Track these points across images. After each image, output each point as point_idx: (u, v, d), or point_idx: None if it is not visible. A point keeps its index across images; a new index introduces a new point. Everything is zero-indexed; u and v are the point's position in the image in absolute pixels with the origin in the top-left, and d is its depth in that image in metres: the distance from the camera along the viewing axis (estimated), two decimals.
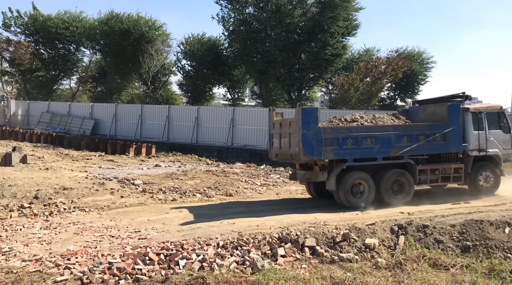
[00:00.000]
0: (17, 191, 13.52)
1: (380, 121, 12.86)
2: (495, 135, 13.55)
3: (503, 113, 14.00)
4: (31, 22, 45.73)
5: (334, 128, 12.01)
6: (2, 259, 8.09)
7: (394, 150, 12.11)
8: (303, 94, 39.96)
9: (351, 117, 12.93)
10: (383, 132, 12.11)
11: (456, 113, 12.72)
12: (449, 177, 12.99)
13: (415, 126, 12.80)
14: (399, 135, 12.19)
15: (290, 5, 35.05)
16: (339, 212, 11.47)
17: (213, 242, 8.57)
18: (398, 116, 13.53)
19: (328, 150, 11.57)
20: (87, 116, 35.82)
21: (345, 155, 11.77)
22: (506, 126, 13.81)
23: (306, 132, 11.39)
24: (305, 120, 11.45)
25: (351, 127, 12.13)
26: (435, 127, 12.63)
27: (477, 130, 13.21)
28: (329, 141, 11.58)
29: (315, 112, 11.65)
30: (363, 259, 8.64)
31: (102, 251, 8.25)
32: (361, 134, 11.92)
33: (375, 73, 33.04)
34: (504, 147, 13.67)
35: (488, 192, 13.35)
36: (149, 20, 43.95)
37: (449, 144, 12.71)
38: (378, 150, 12.01)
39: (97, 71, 49.85)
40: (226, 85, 48.40)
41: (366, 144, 11.91)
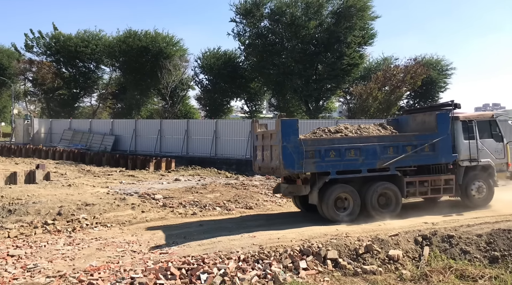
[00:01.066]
0: (41, 208, 13.75)
1: (365, 132, 12.37)
2: (487, 144, 12.96)
3: (495, 121, 13.37)
4: (52, 42, 47.08)
5: (316, 140, 11.57)
6: (27, 275, 8.21)
7: (379, 161, 11.58)
8: (321, 105, 39.88)
9: (335, 128, 12.51)
10: (367, 143, 11.60)
11: (445, 123, 12.17)
12: (440, 189, 12.39)
13: (402, 137, 12.23)
14: (384, 146, 11.68)
15: (305, 17, 35.23)
16: (361, 223, 11.29)
17: (234, 256, 8.52)
18: (385, 127, 13.05)
19: (310, 162, 11.13)
20: (107, 132, 36.39)
21: (328, 167, 11.31)
22: (499, 135, 13.23)
23: (286, 145, 10.96)
24: (284, 132, 11.02)
25: (334, 138, 11.67)
26: (423, 137, 12.09)
27: (467, 140, 12.67)
28: (310, 154, 11.14)
29: (295, 124, 11.19)
30: (387, 271, 8.47)
31: (124, 266, 8.29)
32: (344, 146, 11.43)
33: (393, 81, 32.77)
34: (496, 156, 13.06)
35: (481, 203, 12.72)
36: (166, 36, 44.78)
37: (438, 154, 12.10)
38: (363, 162, 11.49)
39: (116, 88, 50.81)
40: (244, 98, 48.71)
41: (350, 155, 11.44)
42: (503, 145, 13.21)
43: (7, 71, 50.54)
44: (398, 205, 11.92)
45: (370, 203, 11.65)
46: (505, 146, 13.24)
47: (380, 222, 11.37)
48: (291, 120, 11.52)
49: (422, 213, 12.21)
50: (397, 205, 11.91)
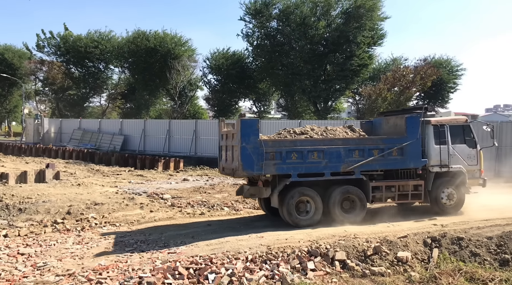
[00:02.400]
0: (51, 207, 13.87)
1: (331, 134, 12.10)
2: (459, 150, 12.53)
3: (468, 126, 12.89)
4: (62, 42, 47.49)
5: (277, 141, 11.26)
6: (37, 273, 8.28)
7: (344, 165, 11.24)
8: (330, 106, 39.77)
9: (301, 129, 12.19)
10: (331, 146, 11.24)
11: (414, 126, 11.74)
12: (408, 195, 12.06)
13: (368, 140, 11.93)
14: (349, 150, 11.34)
15: (314, 17, 35.14)
16: (369, 225, 11.24)
17: (242, 256, 8.53)
18: (354, 129, 12.71)
19: (270, 164, 10.80)
20: (116, 132, 36.61)
21: (289, 169, 10.98)
22: (472, 141, 12.77)
23: (245, 146, 10.64)
24: (244, 133, 10.68)
25: (296, 140, 11.36)
26: (391, 141, 11.77)
27: (438, 145, 12.27)
28: (271, 155, 10.82)
29: (256, 124, 10.83)
30: (396, 273, 8.42)
31: (132, 266, 8.33)
32: (307, 148, 11.08)
33: (403, 82, 32.56)
34: (469, 162, 12.61)
35: (451, 210, 12.36)
36: (174, 36, 44.93)
37: (407, 159, 11.72)
38: (326, 165, 11.16)
39: (126, 88, 51.13)
40: (252, 99, 48.74)
41: (313, 158, 11.10)
42: (476, 151, 12.75)
43: (18, 71, 51.09)
44: (362, 210, 11.54)
45: (333, 207, 11.30)
46: (479, 152, 12.79)
47: (389, 223, 11.32)
48: (251, 120, 11.23)
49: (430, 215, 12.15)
50: (362, 210, 11.53)
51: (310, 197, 11.29)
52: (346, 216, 11.40)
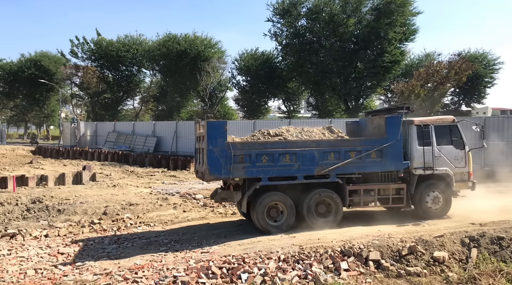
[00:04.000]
0: (88, 208, 14.28)
1: (307, 135, 11.64)
2: (446, 151, 11.81)
3: (455, 126, 12.11)
4: (95, 48, 48.84)
5: (246, 143, 10.83)
6: (76, 272, 8.56)
7: (318, 167, 10.74)
8: (361, 103, 39.22)
9: (276, 130, 11.78)
10: (304, 148, 10.73)
11: (395, 127, 11.09)
12: (388, 199, 11.47)
13: (344, 142, 11.35)
14: (324, 152, 10.79)
15: (344, 14, 34.73)
16: (405, 224, 11.01)
17: (274, 256, 8.53)
18: (332, 130, 12.24)
19: (239, 167, 10.37)
20: (149, 134, 37.31)
21: (259, 173, 10.51)
22: (460, 141, 12.01)
23: (212, 148, 10.26)
24: (211, 135, 10.31)
25: (266, 142, 10.90)
26: (369, 142, 11.21)
27: (422, 146, 11.61)
28: (239, 158, 10.38)
29: (223, 126, 10.44)
30: (432, 273, 8.22)
31: (167, 265, 8.48)
32: (278, 150, 10.59)
33: (436, 78, 31.69)
34: (456, 164, 11.86)
35: (437, 215, 11.67)
36: (204, 39, 45.39)
37: (387, 161, 11.12)
38: (299, 168, 10.66)
39: (157, 91, 52.05)
40: (281, 98, 48.66)
41: (285, 160, 10.61)
42: (464, 152, 11.99)
43: (55, 76, 52.87)
44: (338, 215, 11.03)
45: (307, 212, 10.83)
46: (467, 153, 12.05)
47: (424, 223, 11.04)
48: (218, 122, 10.79)
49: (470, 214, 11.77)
50: (337, 215, 11.03)
51: (282, 202, 10.82)
52: (320, 221, 10.89)
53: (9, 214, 14.06)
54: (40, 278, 8.34)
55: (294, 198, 10.94)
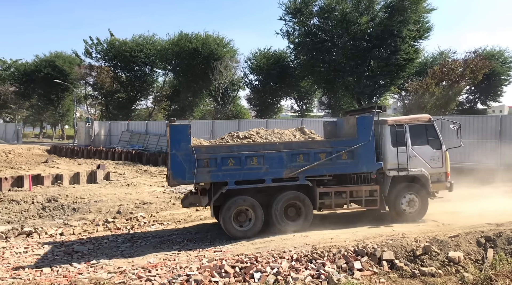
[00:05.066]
0: (102, 206, 14.44)
1: (277, 137, 11.37)
2: (421, 151, 11.44)
3: (432, 125, 11.72)
4: (109, 48, 49.31)
5: (211, 147, 10.73)
6: (91, 270, 8.66)
7: (287, 170, 10.53)
8: (374, 102, 38.89)
9: (245, 133, 11.57)
10: (272, 150, 10.50)
11: (367, 127, 10.84)
12: (361, 201, 11.20)
13: (313, 143, 11.06)
14: (292, 154, 10.58)
15: (357, 12, 34.47)
16: (418, 224, 10.90)
17: (287, 255, 8.51)
18: (304, 131, 11.95)
19: (204, 171, 10.20)
20: (163, 133, 37.49)
21: (225, 177, 10.34)
22: (437, 141, 11.63)
23: (175, 153, 10.09)
24: (174, 139, 10.15)
25: (232, 145, 10.77)
26: (339, 143, 10.97)
27: (396, 146, 11.27)
28: (205, 162, 10.20)
29: (186, 130, 10.22)
30: (447, 274, 8.12)
31: (180, 264, 8.53)
32: (245, 154, 10.38)
33: (451, 76, 31.27)
34: (433, 165, 11.49)
35: (413, 218, 11.33)
36: (216, 38, 45.48)
37: (358, 163, 10.86)
38: (267, 171, 10.46)
39: (170, 90, 52.35)
40: (294, 97, 48.54)
41: (252, 164, 10.40)
42: (441, 152, 11.60)
43: (69, 76, 53.50)
44: (308, 218, 10.85)
45: (276, 215, 10.64)
46: (444, 153, 11.64)
47: (439, 223, 10.92)
48: (181, 125, 10.54)
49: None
50: (307, 218, 10.84)
51: (250, 206, 10.59)
52: (290, 224, 10.70)
53: (25, 213, 14.29)
54: (56, 275, 8.46)
55: (263, 201, 10.74)
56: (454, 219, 11.11)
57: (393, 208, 11.42)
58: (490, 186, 15.83)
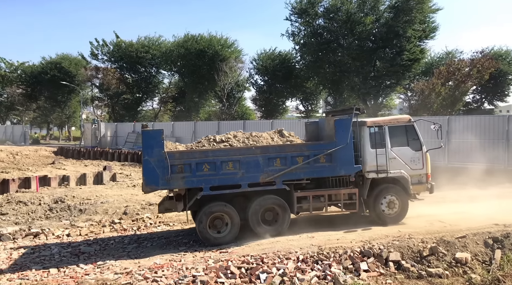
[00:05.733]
0: (108, 208, 14.50)
1: (254, 140, 11.10)
2: (401, 153, 11.26)
3: (412, 126, 11.49)
4: (115, 49, 49.54)
5: (185, 152, 10.45)
6: (97, 271, 8.69)
7: (263, 174, 10.34)
8: (380, 102, 38.80)
9: (222, 137, 11.32)
10: (248, 155, 10.31)
11: (344, 130, 10.64)
12: (340, 204, 11.06)
13: (290, 147, 10.81)
14: (269, 158, 10.40)
15: (362, 13, 34.41)
16: (425, 225, 10.84)
17: (293, 256, 8.50)
18: (283, 134, 11.69)
19: (178, 177, 10.01)
20: (168, 134, 37.59)
21: (200, 182, 10.15)
22: (417, 142, 11.42)
23: (148, 159, 9.92)
24: (146, 145, 9.98)
25: (207, 150, 10.45)
26: (317, 146, 10.80)
27: (375, 148, 11.09)
28: (179, 168, 10.02)
29: (159, 135, 10.05)
30: (454, 275, 8.08)
31: (186, 265, 8.54)
32: (220, 158, 10.20)
33: (458, 76, 31.11)
34: (413, 166, 11.30)
35: (393, 220, 11.15)
36: (221, 38, 45.57)
37: (337, 166, 10.67)
38: (243, 176, 10.26)
39: (176, 92, 52.50)
40: (299, 98, 48.48)
41: (228, 168, 10.22)
42: (421, 153, 11.40)
43: (76, 78, 53.81)
44: (285, 222, 10.67)
45: (253, 220, 10.46)
46: (424, 154, 11.44)
47: (446, 223, 10.85)
48: (154, 131, 10.43)
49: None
50: (284, 222, 10.66)
51: (226, 212, 10.42)
52: (267, 229, 10.54)
53: (33, 214, 14.39)
54: (63, 276, 8.50)
55: (240, 206, 10.61)
56: (461, 219, 11.03)
57: (372, 210, 11.27)
58: (498, 187, 15.71)
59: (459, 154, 19.82)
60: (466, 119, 21.66)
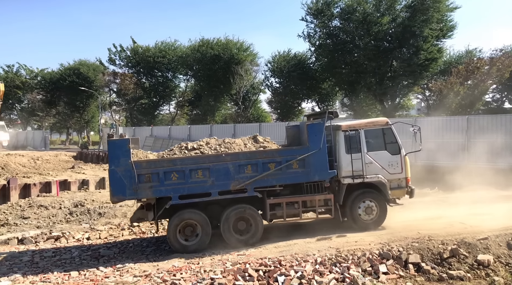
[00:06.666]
0: (127, 211, 14.65)
1: (227, 147, 10.93)
2: (378, 157, 10.93)
3: (389, 129, 11.15)
4: (132, 55, 50.19)
5: (152, 161, 10.27)
6: (117, 274, 8.79)
7: (234, 182, 10.18)
8: (397, 103, 38.39)
9: (194, 144, 11.19)
10: (218, 162, 10.16)
11: (317, 134, 10.40)
12: (315, 211, 10.82)
13: (261, 153, 10.55)
14: (240, 165, 10.20)
15: (378, 13, 34.15)
16: (445, 226, 10.66)
17: (311, 259, 8.46)
18: (257, 140, 11.49)
19: (146, 187, 9.91)
20: (185, 138, 37.84)
21: (168, 191, 10.03)
22: (395, 146, 11.07)
23: (114, 169, 9.81)
24: (112, 155, 9.86)
25: (175, 159, 10.32)
26: (289, 152, 10.57)
27: (350, 153, 10.81)
28: (146, 178, 9.90)
29: (126, 145, 9.91)
30: (476, 277, 7.94)
31: (204, 267, 8.57)
32: (189, 167, 10.05)
33: (477, 75, 30.58)
34: (391, 170, 10.97)
35: (371, 225, 10.84)
36: (237, 42, 45.75)
37: (310, 172, 10.43)
38: (213, 184, 10.12)
39: (192, 95, 52.86)
40: (315, 99, 48.29)
41: (197, 177, 10.09)
42: (400, 157, 11.04)
43: (94, 83, 54.63)
44: (258, 230, 10.49)
45: (225, 229, 10.32)
46: (403, 158, 11.08)
47: (466, 225, 10.64)
48: (120, 140, 10.32)
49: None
50: (257, 231, 10.48)
51: (196, 220, 10.29)
52: (240, 238, 10.39)
53: (53, 217, 14.64)
54: (83, 279, 8.62)
55: (213, 214, 10.48)
56: (482, 221, 10.80)
57: (350, 216, 11.00)
58: None
59: (479, 154, 19.45)
60: (486, 118, 21.27)
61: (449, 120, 22.18)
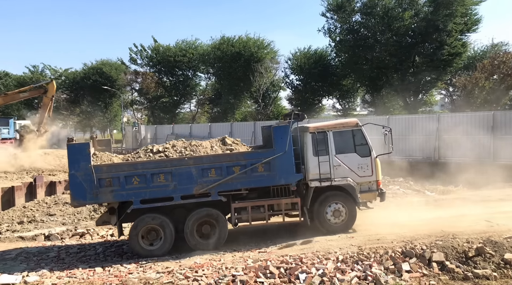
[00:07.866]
0: None
1: (192, 150, 10.79)
2: (348, 159, 10.67)
3: (359, 131, 10.86)
4: (153, 54, 50.76)
5: (112, 165, 10.20)
6: (140, 270, 8.94)
7: (197, 186, 10.08)
8: (420, 99, 37.75)
9: (159, 147, 11.03)
10: (180, 166, 10.06)
11: (283, 137, 10.24)
12: (282, 214, 10.64)
13: (225, 156, 10.44)
14: (203, 169, 10.09)
15: (400, 8, 33.63)
16: (470, 224, 10.45)
17: (332, 256, 8.42)
18: (225, 142, 11.33)
19: (106, 191, 9.84)
20: (206, 136, 38.03)
21: (129, 196, 9.96)
22: (365, 148, 10.78)
23: (74, 173, 9.77)
24: (72, 159, 9.80)
25: (136, 163, 10.22)
26: (254, 155, 10.42)
27: (317, 155, 10.57)
28: (107, 182, 9.83)
29: (86, 149, 9.85)
30: (503, 277, 7.75)
31: (225, 264, 8.63)
32: (150, 171, 9.97)
33: (503, 69, 29.80)
34: (361, 173, 10.70)
35: (339, 228, 10.58)
36: (257, 40, 45.71)
37: (276, 175, 10.29)
38: (175, 188, 10.03)
39: (212, 93, 53.17)
40: (336, 96, 47.89)
41: (159, 181, 10.00)
42: (370, 159, 10.78)
43: (116, 83, 55.48)
44: (222, 234, 10.38)
45: (187, 233, 10.25)
46: (374, 160, 10.82)
47: (493, 223, 10.39)
48: (80, 144, 10.21)
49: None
50: (221, 234, 10.37)
51: (158, 225, 10.21)
52: (203, 243, 10.31)
53: (78, 215, 14.95)
54: (108, 275, 8.79)
55: (178, 218, 10.41)
56: (509, 219, 10.55)
57: (317, 219, 10.78)
58: None
59: (505, 150, 18.99)
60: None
61: (474, 116, 21.69)
